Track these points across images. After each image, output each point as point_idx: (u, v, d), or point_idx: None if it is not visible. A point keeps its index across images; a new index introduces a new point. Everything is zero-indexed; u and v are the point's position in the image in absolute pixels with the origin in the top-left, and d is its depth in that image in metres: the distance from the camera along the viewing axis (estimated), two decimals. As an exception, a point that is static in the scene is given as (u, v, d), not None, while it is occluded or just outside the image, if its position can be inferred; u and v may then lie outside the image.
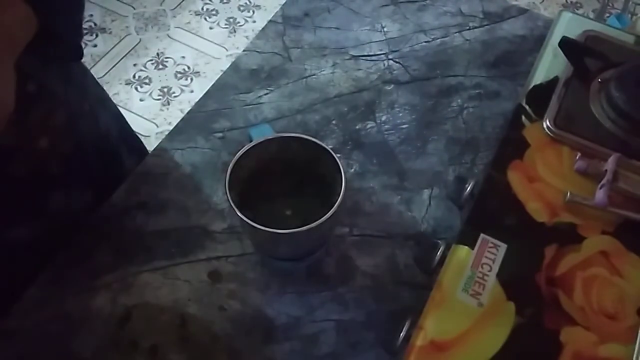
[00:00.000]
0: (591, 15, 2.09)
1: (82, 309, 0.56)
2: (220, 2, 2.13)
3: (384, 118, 0.72)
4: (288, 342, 0.55)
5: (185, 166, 0.67)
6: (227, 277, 0.59)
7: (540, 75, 0.65)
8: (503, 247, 0.52)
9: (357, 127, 0.71)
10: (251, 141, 0.54)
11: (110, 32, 2.01)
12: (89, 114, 0.67)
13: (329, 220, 0.49)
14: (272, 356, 0.54)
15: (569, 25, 0.69)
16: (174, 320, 0.56)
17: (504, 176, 0.56)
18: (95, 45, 1.97)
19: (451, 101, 0.74)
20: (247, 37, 2.02)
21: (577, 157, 0.57)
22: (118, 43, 1.97)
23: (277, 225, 0.49)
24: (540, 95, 0.63)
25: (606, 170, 0.54)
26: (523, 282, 0.50)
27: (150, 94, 1.85)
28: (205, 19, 2.07)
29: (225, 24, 2.06)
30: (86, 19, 1.99)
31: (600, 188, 0.53)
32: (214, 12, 2.09)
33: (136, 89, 1.86)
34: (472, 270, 0.50)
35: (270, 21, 0.83)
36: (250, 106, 0.73)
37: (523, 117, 0.61)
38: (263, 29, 0.81)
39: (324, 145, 0.54)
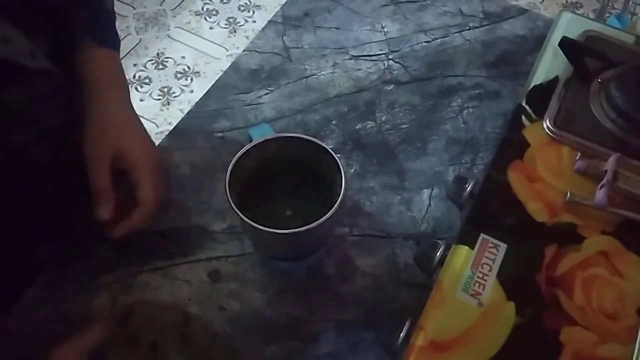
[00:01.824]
0: (591, 15, 2.09)
1: (82, 309, 0.56)
2: (220, 2, 2.13)
3: (384, 118, 0.72)
4: (288, 342, 0.55)
5: (185, 166, 0.67)
6: (227, 277, 0.59)
7: (540, 75, 0.65)
8: (503, 247, 0.52)
9: (357, 127, 0.71)
10: (251, 141, 0.54)
11: (111, 32, 2.00)
12: None
13: (329, 220, 0.49)
14: (272, 356, 0.54)
15: (569, 25, 0.69)
16: (174, 320, 0.56)
17: (504, 176, 0.56)
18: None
19: (451, 101, 0.74)
20: (247, 37, 2.02)
21: (577, 157, 0.57)
22: (118, 43, 1.97)
23: (277, 225, 0.49)
24: (540, 95, 0.63)
25: (606, 170, 0.54)
26: (523, 282, 0.50)
27: (150, 94, 1.85)
28: (205, 19, 2.07)
29: (225, 24, 2.06)
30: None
31: (600, 188, 0.53)
32: (214, 12, 2.09)
33: (136, 89, 1.86)
34: (472, 270, 0.50)
35: (270, 21, 0.83)
36: (250, 106, 0.73)
37: (523, 117, 0.61)
38: (263, 29, 0.81)
39: (324, 145, 0.54)
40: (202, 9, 2.10)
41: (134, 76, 1.89)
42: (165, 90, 1.86)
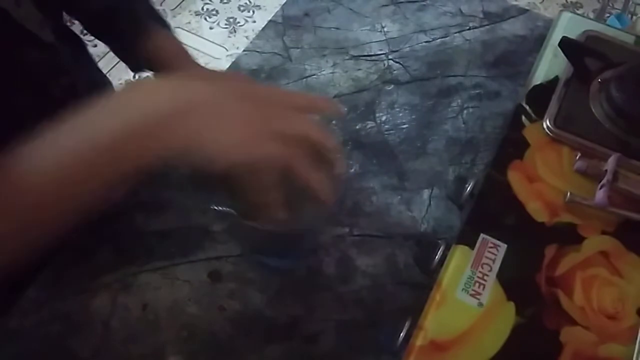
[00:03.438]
0: (591, 15, 2.09)
1: (82, 309, 0.56)
2: (220, 2, 2.13)
3: (384, 118, 0.72)
4: (288, 342, 0.55)
5: (185, 167, 0.67)
6: (227, 277, 0.59)
7: (540, 75, 0.65)
8: (503, 247, 0.52)
9: (357, 127, 0.71)
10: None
11: (110, 32, 2.00)
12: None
13: (314, 214, 0.47)
14: (272, 356, 0.54)
15: (569, 25, 0.69)
16: (174, 321, 0.56)
17: (504, 176, 0.56)
18: (95, 45, 1.96)
19: (451, 101, 0.74)
20: (247, 37, 2.02)
21: (577, 157, 0.57)
22: (118, 43, 1.97)
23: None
24: (540, 95, 0.63)
25: (606, 170, 0.54)
26: (523, 282, 0.50)
27: (150, 94, 1.85)
28: (205, 19, 2.07)
29: (225, 24, 2.06)
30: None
31: (600, 188, 0.53)
32: (214, 12, 2.09)
33: (136, 89, 1.86)
34: (472, 270, 0.50)
35: (270, 21, 0.82)
36: (250, 106, 0.73)
37: (523, 117, 0.61)
38: (263, 29, 0.81)
39: None
40: (202, 9, 2.10)
41: (134, 76, 1.89)
42: (165, 90, 1.86)
